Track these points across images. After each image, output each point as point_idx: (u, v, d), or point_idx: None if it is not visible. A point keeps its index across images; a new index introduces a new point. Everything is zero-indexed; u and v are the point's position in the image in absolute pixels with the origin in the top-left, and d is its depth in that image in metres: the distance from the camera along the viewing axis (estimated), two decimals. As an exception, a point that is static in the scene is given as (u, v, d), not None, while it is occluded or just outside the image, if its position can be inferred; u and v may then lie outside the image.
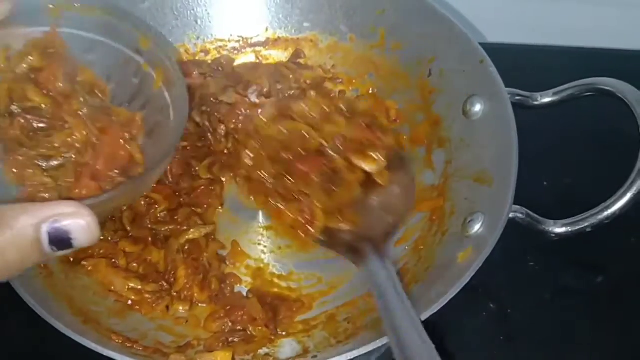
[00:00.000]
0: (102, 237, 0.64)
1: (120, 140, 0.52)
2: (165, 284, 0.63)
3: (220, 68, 0.76)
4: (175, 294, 0.62)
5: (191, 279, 0.62)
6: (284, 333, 0.60)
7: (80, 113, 0.51)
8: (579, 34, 0.87)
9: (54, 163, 0.50)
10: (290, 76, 0.75)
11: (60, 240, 0.37)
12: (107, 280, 0.62)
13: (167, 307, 0.62)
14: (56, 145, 0.50)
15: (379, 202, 0.64)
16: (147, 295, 0.61)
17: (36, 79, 0.51)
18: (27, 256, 0.37)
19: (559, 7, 0.86)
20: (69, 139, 0.50)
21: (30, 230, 0.36)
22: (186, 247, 0.64)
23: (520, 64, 0.74)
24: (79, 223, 0.37)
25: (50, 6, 0.53)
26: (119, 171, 0.51)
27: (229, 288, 0.63)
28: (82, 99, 0.52)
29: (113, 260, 0.63)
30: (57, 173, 0.50)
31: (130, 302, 0.61)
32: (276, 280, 0.65)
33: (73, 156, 0.50)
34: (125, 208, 0.66)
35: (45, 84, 0.51)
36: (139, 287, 0.62)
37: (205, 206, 0.68)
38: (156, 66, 0.55)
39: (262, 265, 0.66)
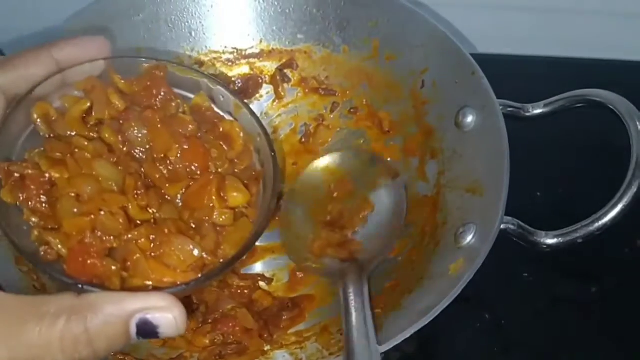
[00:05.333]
0: None
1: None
2: None
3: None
4: None
5: None
6: (276, 345, 0.60)
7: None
8: (570, 45, 0.87)
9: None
10: None
11: (147, 332, 0.38)
12: None
13: None
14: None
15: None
16: None
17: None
18: (114, 344, 0.37)
19: (550, 18, 0.86)
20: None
21: (120, 322, 0.37)
22: None
23: (512, 75, 0.74)
24: (168, 317, 0.38)
25: (146, 65, 0.53)
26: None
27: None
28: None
29: None
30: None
31: None
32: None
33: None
34: None
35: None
36: None
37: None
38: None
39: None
